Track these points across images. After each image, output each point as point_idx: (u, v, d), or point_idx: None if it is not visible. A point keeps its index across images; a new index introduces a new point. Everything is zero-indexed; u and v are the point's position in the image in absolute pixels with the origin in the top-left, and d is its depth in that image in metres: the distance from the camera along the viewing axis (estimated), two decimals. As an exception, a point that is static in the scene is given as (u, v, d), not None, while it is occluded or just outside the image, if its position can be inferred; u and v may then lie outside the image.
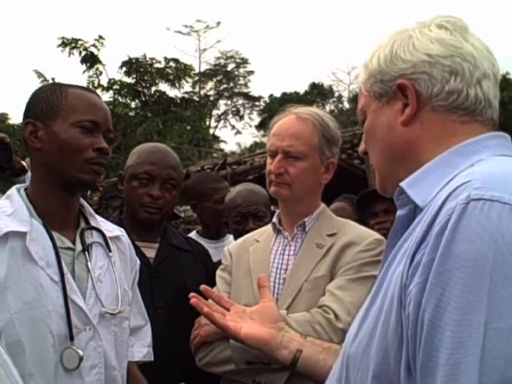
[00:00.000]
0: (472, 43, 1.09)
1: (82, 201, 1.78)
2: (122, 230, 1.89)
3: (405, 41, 1.12)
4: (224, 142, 35.86)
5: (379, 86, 1.14)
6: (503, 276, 0.83)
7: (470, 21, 1.14)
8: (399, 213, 1.08)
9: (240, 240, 2.27)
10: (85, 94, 1.69)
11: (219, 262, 2.51)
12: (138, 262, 1.92)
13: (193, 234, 3.35)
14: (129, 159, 2.41)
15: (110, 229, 1.82)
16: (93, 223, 1.76)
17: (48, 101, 1.65)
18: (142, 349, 1.90)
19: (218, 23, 34.25)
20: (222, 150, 29.52)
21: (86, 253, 1.67)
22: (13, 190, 1.68)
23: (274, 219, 2.16)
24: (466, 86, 1.07)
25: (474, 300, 0.83)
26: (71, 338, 1.55)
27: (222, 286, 2.15)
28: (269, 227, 2.19)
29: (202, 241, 3.03)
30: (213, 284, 2.38)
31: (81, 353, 1.55)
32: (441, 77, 1.07)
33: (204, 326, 2.03)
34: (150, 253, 2.32)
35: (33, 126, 1.65)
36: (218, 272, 2.21)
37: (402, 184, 1.06)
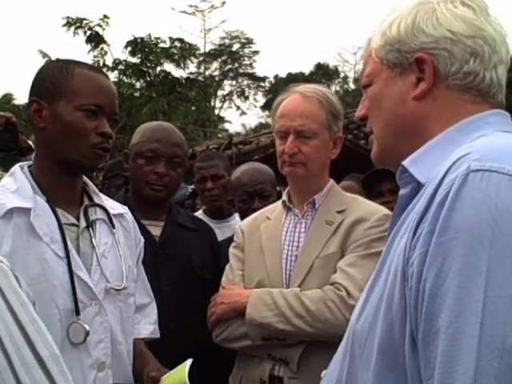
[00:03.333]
0: (494, 27, 1.08)
1: (86, 179, 1.78)
2: (126, 207, 1.89)
3: (428, 13, 1.09)
4: (229, 122, 35.80)
5: (395, 56, 1.11)
6: (501, 246, 0.84)
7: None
8: (402, 192, 1.08)
9: (251, 217, 2.29)
10: (92, 76, 1.66)
11: (225, 241, 2.53)
12: (143, 239, 1.92)
13: (199, 213, 3.34)
14: (133, 137, 2.41)
15: (114, 206, 1.82)
16: (96, 200, 1.76)
17: (54, 79, 1.63)
18: (148, 326, 1.91)
19: (223, 3, 33.86)
20: (226, 131, 29.47)
21: (91, 229, 1.67)
22: (16, 168, 1.68)
23: (284, 197, 2.18)
24: (483, 69, 1.06)
25: (474, 269, 0.84)
26: (77, 313, 1.55)
27: (236, 264, 2.17)
28: (279, 204, 2.21)
29: (207, 220, 3.02)
30: (218, 262, 2.39)
31: (87, 327, 1.55)
32: (461, 56, 1.06)
33: (220, 305, 2.08)
34: (156, 231, 2.32)
35: (37, 104, 1.63)
36: (231, 249, 2.24)
37: (405, 163, 1.06)
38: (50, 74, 1.65)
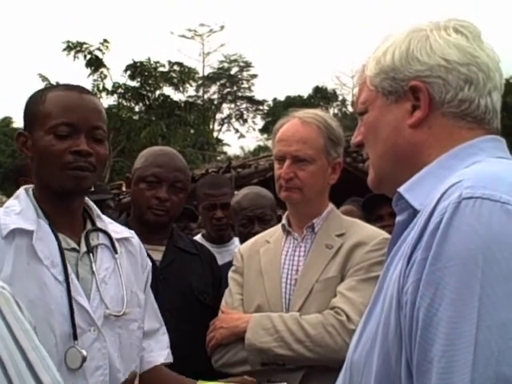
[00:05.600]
0: (487, 54, 1.09)
1: (90, 202, 1.78)
2: (132, 232, 1.87)
3: (422, 41, 1.10)
4: (228, 145, 35.91)
5: (390, 84, 1.12)
6: (494, 273, 0.84)
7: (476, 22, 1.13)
8: (399, 218, 1.08)
9: (250, 241, 2.30)
10: (62, 96, 1.64)
11: (225, 265, 2.53)
12: (150, 264, 1.90)
13: (198, 238, 3.34)
14: (136, 162, 2.42)
15: (118, 230, 1.80)
16: (99, 225, 1.75)
17: (31, 109, 1.66)
18: (162, 351, 1.88)
19: (222, 27, 34.32)
20: (225, 154, 29.55)
21: (91, 254, 1.66)
22: (21, 191, 1.69)
23: (284, 220, 2.19)
24: (478, 96, 1.07)
25: (466, 298, 0.85)
26: (75, 338, 1.54)
27: (235, 288, 2.17)
28: (278, 228, 2.21)
29: (207, 244, 3.02)
30: (219, 287, 2.40)
31: (84, 353, 1.53)
32: (456, 84, 1.06)
33: (219, 329, 2.07)
34: (157, 255, 2.32)
35: (23, 136, 1.66)
36: (230, 274, 2.24)
37: (400, 189, 1.07)
38: (28, 105, 1.67)
